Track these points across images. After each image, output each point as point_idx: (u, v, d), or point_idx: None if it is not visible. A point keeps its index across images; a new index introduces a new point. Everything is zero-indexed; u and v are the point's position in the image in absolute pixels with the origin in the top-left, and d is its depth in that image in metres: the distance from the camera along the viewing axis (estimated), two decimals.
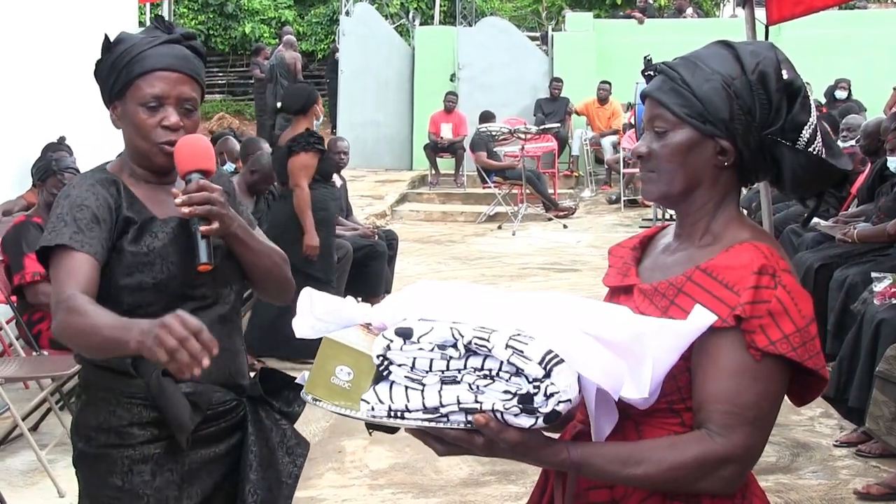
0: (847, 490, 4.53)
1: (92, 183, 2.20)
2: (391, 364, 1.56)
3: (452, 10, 18.96)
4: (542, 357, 1.49)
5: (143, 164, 2.25)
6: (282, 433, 2.34)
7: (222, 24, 20.43)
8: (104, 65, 2.24)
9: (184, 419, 2.15)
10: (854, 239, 6.08)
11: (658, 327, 1.58)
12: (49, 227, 2.14)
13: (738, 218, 1.75)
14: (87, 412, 2.24)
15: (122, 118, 2.23)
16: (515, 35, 16.25)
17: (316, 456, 5.04)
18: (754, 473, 1.77)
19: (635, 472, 1.59)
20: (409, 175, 15.21)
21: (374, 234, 8.14)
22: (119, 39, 2.24)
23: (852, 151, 7.93)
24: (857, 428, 5.04)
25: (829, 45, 14.56)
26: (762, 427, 1.63)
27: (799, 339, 1.61)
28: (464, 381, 1.53)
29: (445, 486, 4.65)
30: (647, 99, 1.75)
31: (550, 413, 1.49)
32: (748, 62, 1.68)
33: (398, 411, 1.56)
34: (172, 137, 2.18)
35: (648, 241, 1.88)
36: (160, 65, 2.18)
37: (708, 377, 1.61)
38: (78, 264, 2.07)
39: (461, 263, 10.28)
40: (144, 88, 2.17)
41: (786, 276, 1.63)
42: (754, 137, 1.69)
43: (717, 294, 1.63)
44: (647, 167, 1.75)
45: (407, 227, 12.29)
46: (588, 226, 12.55)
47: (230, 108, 19.64)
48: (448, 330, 1.53)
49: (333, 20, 18.93)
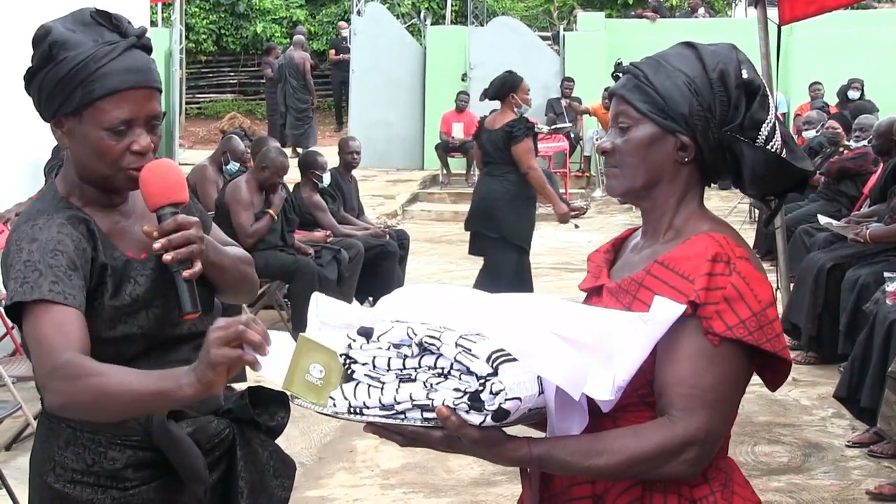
0: (859, 490, 4.51)
1: (61, 223, 1.89)
2: (354, 363, 1.61)
3: (464, 9, 18.96)
4: (488, 355, 1.51)
5: (99, 186, 1.95)
6: (268, 454, 2.14)
7: (234, 23, 20.48)
8: (46, 77, 1.88)
9: (199, 469, 1.95)
10: (866, 239, 6.06)
11: (631, 329, 1.60)
12: (17, 277, 1.81)
13: (699, 213, 1.79)
14: (68, 452, 1.96)
15: (73, 137, 1.91)
16: (527, 35, 16.23)
17: (327, 455, 5.05)
18: (765, 473, 1.78)
19: (597, 463, 1.62)
20: (420, 175, 15.21)
21: (385, 234, 8.16)
22: (60, 43, 1.87)
23: (865, 152, 7.91)
24: (869, 428, 5.02)
25: (842, 45, 14.51)
26: (722, 410, 1.66)
27: (755, 324, 1.64)
28: (418, 380, 1.57)
29: (456, 485, 4.65)
30: (614, 97, 1.81)
31: (498, 410, 1.51)
32: (709, 61, 1.74)
33: (357, 408, 1.60)
34: (142, 162, 1.90)
35: (621, 242, 1.94)
36: (127, 84, 1.86)
37: (668, 363, 1.65)
38: (65, 320, 1.77)
39: (472, 263, 10.23)
40: (110, 112, 1.86)
41: (741, 262, 1.67)
42: (714, 134, 1.74)
43: (674, 285, 1.67)
44: (611, 162, 1.81)
45: (418, 226, 12.29)
46: (599, 225, 12.54)
47: (241, 107, 19.69)
48: (404, 329, 1.57)
49: (345, 20, 18.94)
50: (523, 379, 1.53)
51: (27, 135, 6.61)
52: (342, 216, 8.10)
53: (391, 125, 15.84)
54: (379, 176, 14.93)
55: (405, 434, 1.60)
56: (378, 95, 15.75)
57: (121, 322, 1.90)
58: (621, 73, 1.82)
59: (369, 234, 8.00)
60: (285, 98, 16.03)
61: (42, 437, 2.03)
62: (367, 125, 15.35)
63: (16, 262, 1.83)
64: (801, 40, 13.94)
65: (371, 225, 8.46)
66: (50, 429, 2.01)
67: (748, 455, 4.84)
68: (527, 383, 1.53)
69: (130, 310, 1.93)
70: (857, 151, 8.12)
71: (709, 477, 1.70)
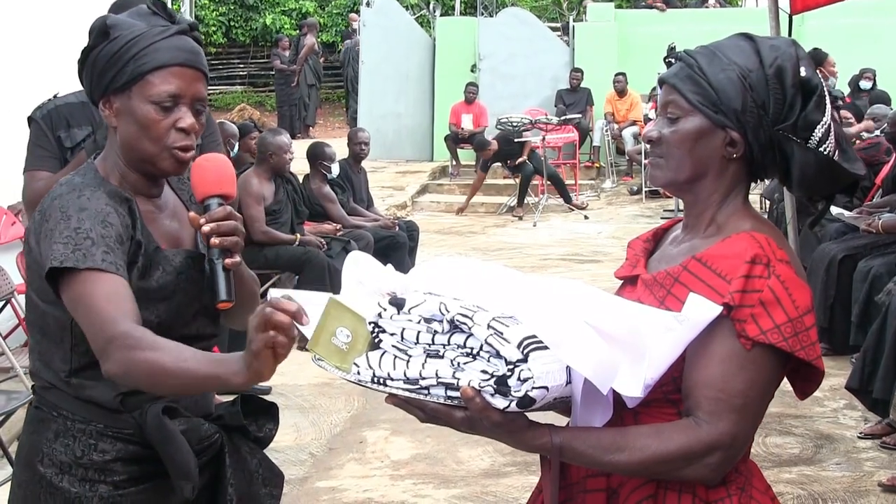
0: (871, 482, 4.49)
1: (107, 198, 1.92)
2: (382, 332, 1.60)
3: (473, 0, 18.92)
4: (520, 341, 1.49)
5: (141, 168, 1.98)
6: (257, 462, 2.11)
7: (243, 15, 20.48)
8: (100, 54, 1.95)
9: (188, 467, 1.92)
10: (879, 229, 6.03)
11: (665, 328, 1.57)
12: (66, 242, 1.82)
13: (742, 210, 1.75)
14: (57, 444, 1.95)
15: (120, 115, 1.96)
16: (536, 26, 16.19)
17: (337, 446, 5.06)
18: (777, 465, 1.76)
19: (617, 459, 1.60)
20: (429, 166, 15.20)
21: (394, 226, 8.16)
22: (115, 24, 1.96)
23: (877, 141, 7.87)
24: (881, 420, 5.00)
25: (854, 35, 14.41)
26: (749, 416, 1.62)
27: (791, 330, 1.60)
28: (446, 357, 1.55)
29: (467, 476, 4.65)
30: (664, 85, 1.76)
31: (524, 398, 1.50)
32: (767, 56, 1.69)
33: (381, 378, 1.59)
34: (187, 142, 1.95)
35: (663, 233, 1.90)
36: (177, 60, 1.93)
37: (698, 364, 1.62)
38: (117, 290, 1.79)
39: (482, 254, 10.27)
40: (159, 85, 1.91)
41: (781, 265, 1.63)
42: (765, 132, 1.69)
43: (710, 283, 1.64)
44: (656, 152, 1.77)
45: (427, 218, 12.28)
46: (609, 217, 12.51)
47: (251, 99, 19.71)
48: (437, 304, 1.55)
49: (354, 11, 18.93)
50: (552, 368, 1.51)
51: None
52: (352, 207, 8.10)
53: (401, 116, 15.84)
54: (388, 167, 14.93)
55: (426, 410, 1.58)
56: (387, 87, 15.74)
57: (142, 307, 1.89)
58: (673, 60, 1.76)
59: (379, 226, 8.00)
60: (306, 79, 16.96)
61: (30, 428, 2.02)
62: (376, 116, 15.35)
63: (63, 229, 1.83)
64: (813, 30, 13.86)
65: (380, 216, 8.45)
66: (40, 420, 1.99)
67: (759, 446, 4.82)
68: (555, 373, 1.51)
69: (154, 296, 1.93)
70: (870, 141, 8.08)
71: (727, 479, 1.66)
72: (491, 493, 4.46)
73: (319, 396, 5.76)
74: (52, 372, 1.97)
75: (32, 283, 1.95)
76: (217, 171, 1.96)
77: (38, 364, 2.01)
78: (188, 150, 1.96)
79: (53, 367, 1.97)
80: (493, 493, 4.46)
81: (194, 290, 2.00)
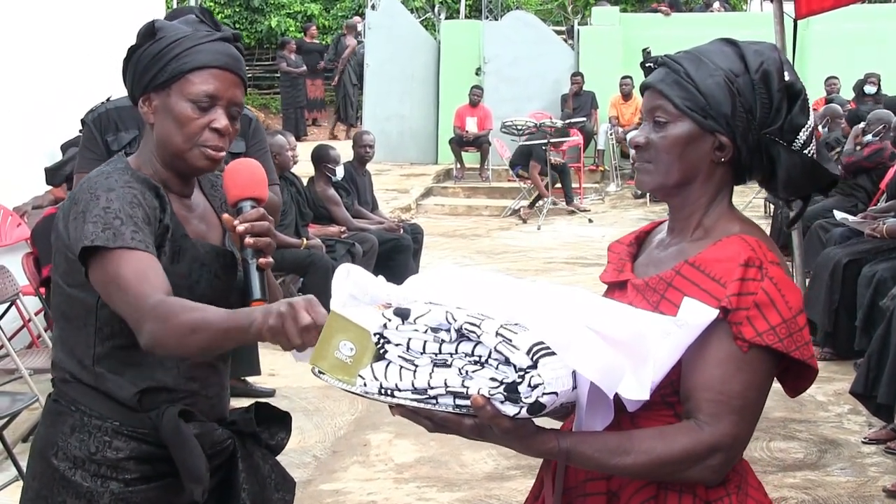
0: (876, 487, 4.49)
1: (136, 180, 1.98)
2: (388, 343, 1.60)
3: (478, 3, 18.92)
4: (529, 347, 1.49)
5: (173, 165, 2.03)
6: (269, 468, 2.14)
7: (248, 17, 20.49)
8: (145, 52, 2.01)
9: (200, 471, 1.95)
10: (883, 234, 6.03)
11: (664, 332, 1.59)
12: (96, 222, 1.87)
13: (729, 213, 1.77)
14: (72, 439, 1.99)
15: (158, 112, 2.01)
16: (541, 29, 16.19)
17: (341, 449, 5.06)
18: (781, 470, 1.77)
19: (624, 462, 1.61)
20: (434, 169, 15.21)
21: (399, 228, 8.16)
22: (162, 27, 2.03)
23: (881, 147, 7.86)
24: (885, 425, 5.00)
25: (859, 40, 14.42)
26: (748, 416, 1.66)
27: (785, 331, 1.63)
28: (454, 366, 1.55)
29: (470, 479, 4.65)
30: (648, 90, 1.77)
31: (534, 404, 1.50)
32: (752, 61, 1.71)
33: (388, 389, 1.58)
34: (219, 143, 1.99)
35: (645, 236, 1.92)
36: (217, 62, 1.99)
37: (696, 367, 1.64)
38: (147, 266, 1.85)
39: (486, 257, 10.27)
40: (198, 84, 1.97)
41: (773, 268, 1.65)
42: (753, 135, 1.72)
43: (704, 287, 1.66)
44: (643, 157, 1.78)
45: (432, 220, 12.29)
46: (613, 220, 12.51)
47: (256, 101, 19.71)
48: (443, 313, 1.55)
49: (359, 14, 18.94)
50: (561, 373, 1.51)
51: (42, 131, 6.64)
52: (356, 210, 8.10)
53: (405, 119, 15.85)
54: (393, 170, 14.94)
55: (435, 420, 1.58)
56: (392, 89, 15.76)
57: None
58: (653, 64, 1.78)
59: (383, 228, 8.01)
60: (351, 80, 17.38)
61: (47, 421, 2.06)
62: (381, 119, 15.36)
63: (93, 209, 1.89)
64: (818, 35, 13.87)
65: (385, 219, 8.46)
66: (57, 413, 2.03)
67: (764, 451, 4.83)
68: (563, 378, 1.52)
69: (181, 282, 1.95)
70: (874, 147, 8.08)
71: (725, 478, 1.68)
72: (494, 497, 4.46)
73: (323, 399, 5.76)
74: (74, 361, 2.01)
75: (58, 266, 2.00)
76: (249, 174, 2.00)
77: (60, 354, 2.04)
78: (220, 150, 2.00)
79: (77, 355, 2.00)
80: (497, 497, 4.46)
81: (220, 286, 2.03)
